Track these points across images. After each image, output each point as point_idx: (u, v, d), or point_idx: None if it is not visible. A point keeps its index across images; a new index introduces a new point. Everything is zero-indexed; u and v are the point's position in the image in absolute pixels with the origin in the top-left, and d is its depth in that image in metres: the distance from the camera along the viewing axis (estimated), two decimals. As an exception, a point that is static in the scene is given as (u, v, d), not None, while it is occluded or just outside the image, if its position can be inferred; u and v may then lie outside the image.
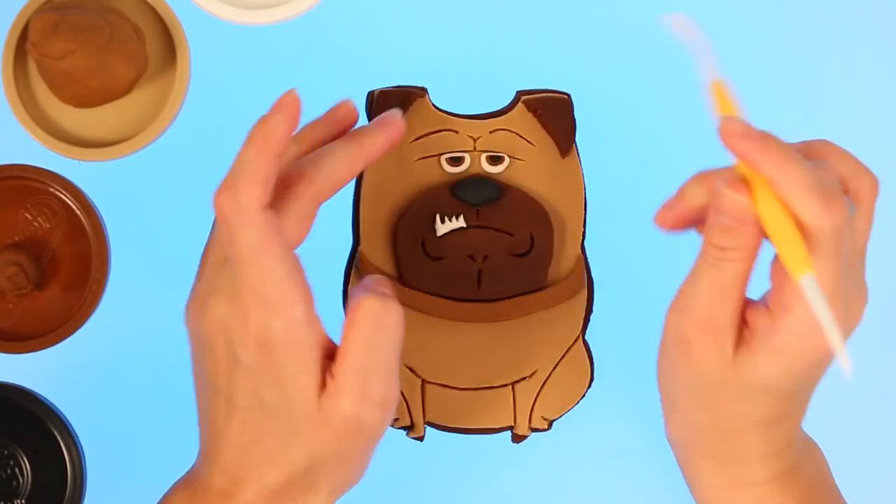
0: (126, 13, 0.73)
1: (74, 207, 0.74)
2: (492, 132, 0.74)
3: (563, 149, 0.74)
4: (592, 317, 0.74)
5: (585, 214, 0.74)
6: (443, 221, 0.72)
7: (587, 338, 0.73)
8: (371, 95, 0.74)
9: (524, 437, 0.73)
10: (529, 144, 0.74)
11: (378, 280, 0.64)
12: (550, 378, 0.73)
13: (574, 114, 0.74)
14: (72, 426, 0.72)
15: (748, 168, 0.59)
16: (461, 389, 0.73)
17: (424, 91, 0.74)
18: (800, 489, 0.64)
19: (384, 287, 0.63)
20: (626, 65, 0.76)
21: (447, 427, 0.73)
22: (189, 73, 0.74)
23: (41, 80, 0.74)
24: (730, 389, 0.61)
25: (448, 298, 0.72)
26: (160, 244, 0.75)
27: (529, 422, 0.73)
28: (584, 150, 0.74)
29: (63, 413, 0.72)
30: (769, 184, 0.58)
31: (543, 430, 0.73)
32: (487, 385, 0.73)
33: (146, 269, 0.75)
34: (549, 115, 0.73)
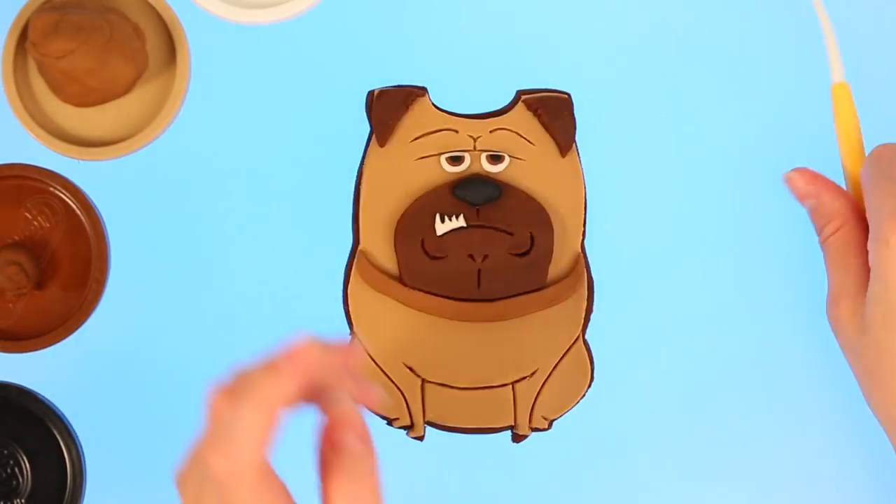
0: (126, 12, 0.73)
1: (74, 207, 0.74)
2: (492, 131, 0.74)
3: (563, 148, 0.74)
4: (592, 317, 0.74)
5: (585, 214, 0.74)
6: (443, 221, 0.72)
7: (587, 338, 0.73)
8: (371, 95, 0.74)
9: (524, 437, 0.73)
10: (529, 144, 0.74)
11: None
12: (550, 378, 0.73)
13: (574, 113, 0.74)
14: (72, 426, 0.72)
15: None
16: (461, 389, 0.73)
17: (424, 91, 0.74)
18: None
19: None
20: (626, 65, 0.76)
21: (447, 427, 0.73)
22: (189, 73, 0.74)
23: (41, 79, 0.74)
24: None
25: (448, 298, 0.72)
26: (160, 244, 0.75)
27: (529, 421, 0.73)
28: (584, 150, 0.74)
29: (63, 413, 0.72)
30: None
31: (543, 430, 0.73)
32: (487, 385, 0.73)
33: (146, 269, 0.75)
34: (549, 115, 0.73)
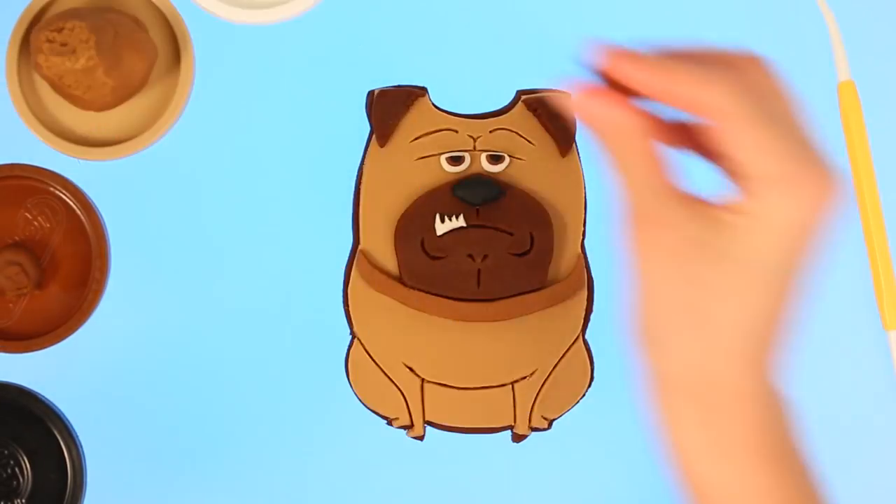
0: (127, 11, 0.73)
1: (75, 207, 0.74)
2: (492, 131, 0.74)
3: (564, 148, 0.74)
4: (592, 317, 0.74)
5: (585, 214, 0.74)
6: (443, 221, 0.72)
7: (587, 337, 0.73)
8: (371, 95, 0.74)
9: (524, 437, 0.73)
10: (529, 144, 0.74)
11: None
12: (550, 377, 0.73)
13: (574, 113, 0.74)
14: (72, 426, 0.72)
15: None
16: (461, 389, 0.73)
17: (424, 91, 0.74)
18: None
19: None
20: (626, 65, 0.76)
21: (447, 426, 0.73)
22: (193, 74, 0.74)
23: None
24: None
25: (448, 298, 0.72)
26: (160, 244, 0.75)
27: (529, 421, 0.73)
28: (584, 150, 0.74)
29: (63, 413, 0.72)
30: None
31: (543, 430, 0.73)
32: (487, 384, 0.73)
33: (146, 269, 0.75)
34: (549, 115, 0.73)
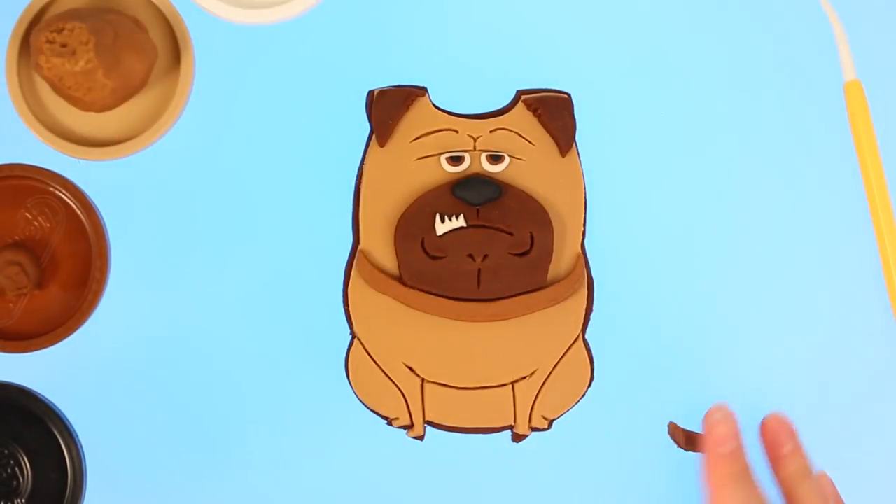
0: (127, 10, 0.73)
1: (75, 207, 0.74)
2: (492, 131, 0.74)
3: (563, 148, 0.74)
4: (592, 316, 0.74)
5: (585, 214, 0.74)
6: (443, 221, 0.72)
7: (587, 337, 0.73)
8: (371, 95, 0.74)
9: (524, 437, 0.73)
10: (529, 144, 0.74)
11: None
12: (550, 377, 0.73)
13: (574, 113, 0.74)
14: (72, 426, 0.72)
15: None
16: (461, 389, 0.73)
17: (424, 91, 0.74)
18: None
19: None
20: (626, 65, 0.76)
21: (447, 426, 0.73)
22: (193, 74, 0.74)
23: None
24: None
25: (448, 298, 0.72)
26: (160, 244, 0.75)
27: (529, 421, 0.73)
28: (584, 150, 0.74)
29: (63, 413, 0.72)
30: None
31: (543, 430, 0.73)
32: (487, 384, 0.73)
33: (146, 269, 0.75)
34: (549, 115, 0.73)
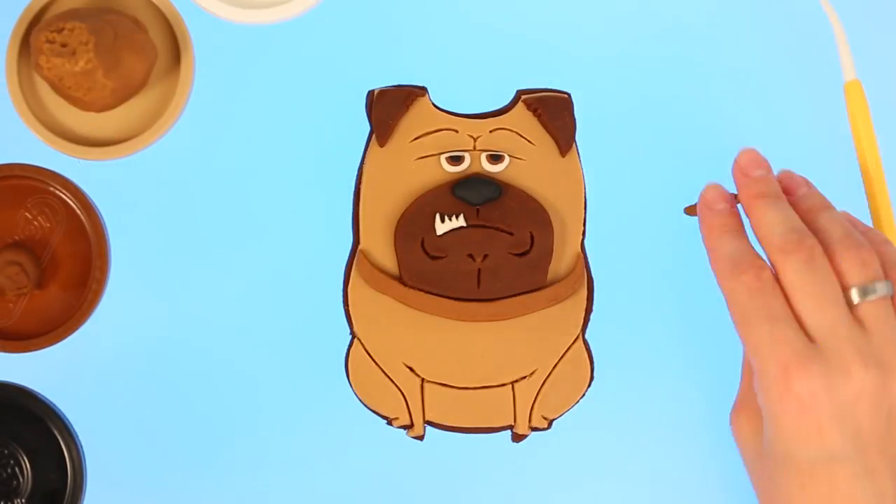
0: (127, 10, 0.73)
1: (75, 207, 0.74)
2: (492, 131, 0.74)
3: (563, 148, 0.74)
4: (592, 316, 0.74)
5: (585, 214, 0.74)
6: (443, 220, 0.72)
7: (587, 337, 0.73)
8: (371, 95, 0.74)
9: (524, 437, 0.73)
10: (529, 144, 0.74)
11: None
12: (550, 377, 0.73)
13: (574, 113, 0.74)
14: (72, 426, 0.72)
15: None
16: (461, 388, 0.73)
17: (424, 90, 0.74)
18: None
19: None
20: (626, 65, 0.76)
21: (447, 426, 0.73)
22: (193, 74, 0.74)
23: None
24: None
25: (448, 298, 0.72)
26: (160, 244, 0.75)
27: (529, 421, 0.73)
28: (584, 150, 0.74)
29: (63, 413, 0.72)
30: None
31: (543, 430, 0.73)
32: (487, 384, 0.73)
33: (146, 269, 0.75)
34: (549, 115, 0.73)
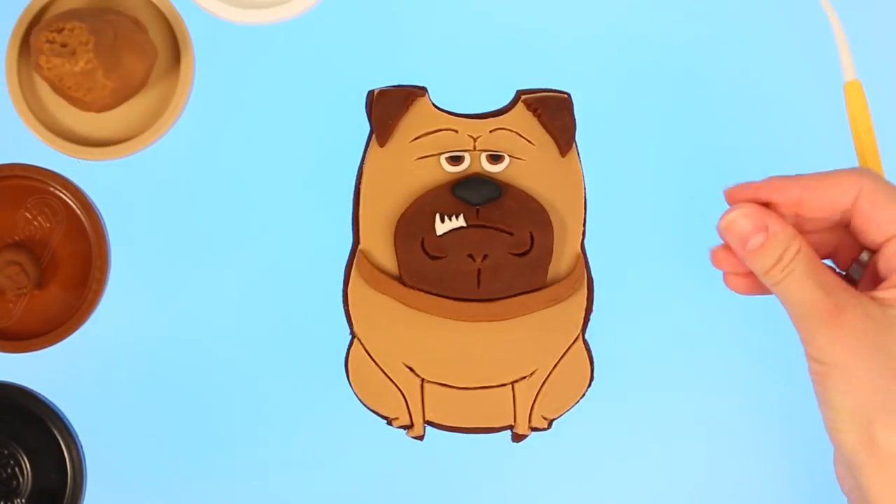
0: (127, 10, 0.73)
1: (75, 207, 0.74)
2: (492, 131, 0.74)
3: (563, 148, 0.74)
4: (592, 316, 0.74)
5: (585, 214, 0.74)
6: (442, 221, 0.72)
7: (587, 337, 0.73)
8: (371, 95, 0.74)
9: (524, 437, 0.73)
10: (529, 144, 0.74)
11: None
12: (550, 377, 0.73)
13: (574, 113, 0.74)
14: (72, 426, 0.72)
15: None
16: (461, 389, 0.73)
17: (424, 90, 0.74)
18: None
19: None
20: (626, 65, 0.76)
21: (447, 426, 0.73)
22: (193, 74, 0.74)
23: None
24: None
25: (448, 298, 0.72)
26: (160, 244, 0.75)
27: (529, 421, 0.73)
28: (584, 150, 0.74)
29: (63, 413, 0.72)
30: None
31: (543, 430, 0.73)
32: (487, 384, 0.73)
33: (146, 269, 0.75)
34: (549, 115, 0.73)
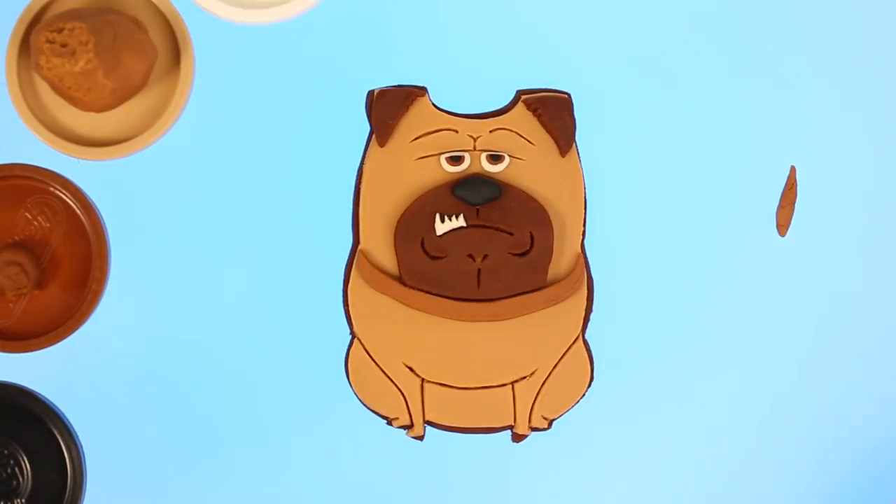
0: (126, 10, 0.73)
1: (75, 207, 0.74)
2: (492, 131, 0.74)
3: (563, 148, 0.74)
4: (592, 316, 0.74)
5: (585, 214, 0.74)
6: (442, 221, 0.72)
7: (587, 337, 0.73)
8: (371, 95, 0.74)
9: (524, 437, 0.73)
10: (529, 144, 0.74)
11: None
12: (550, 377, 0.73)
13: (574, 113, 0.74)
14: (72, 426, 0.72)
15: None
16: (461, 389, 0.73)
17: (424, 90, 0.74)
18: None
19: None
20: (626, 65, 0.76)
21: (447, 426, 0.73)
22: (193, 74, 0.74)
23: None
24: None
25: (448, 298, 0.72)
26: (160, 244, 0.75)
27: (529, 421, 0.73)
28: (584, 150, 0.74)
29: (63, 413, 0.72)
30: None
31: (543, 430, 0.73)
32: (487, 384, 0.73)
33: (146, 269, 0.75)
34: (549, 115, 0.73)
